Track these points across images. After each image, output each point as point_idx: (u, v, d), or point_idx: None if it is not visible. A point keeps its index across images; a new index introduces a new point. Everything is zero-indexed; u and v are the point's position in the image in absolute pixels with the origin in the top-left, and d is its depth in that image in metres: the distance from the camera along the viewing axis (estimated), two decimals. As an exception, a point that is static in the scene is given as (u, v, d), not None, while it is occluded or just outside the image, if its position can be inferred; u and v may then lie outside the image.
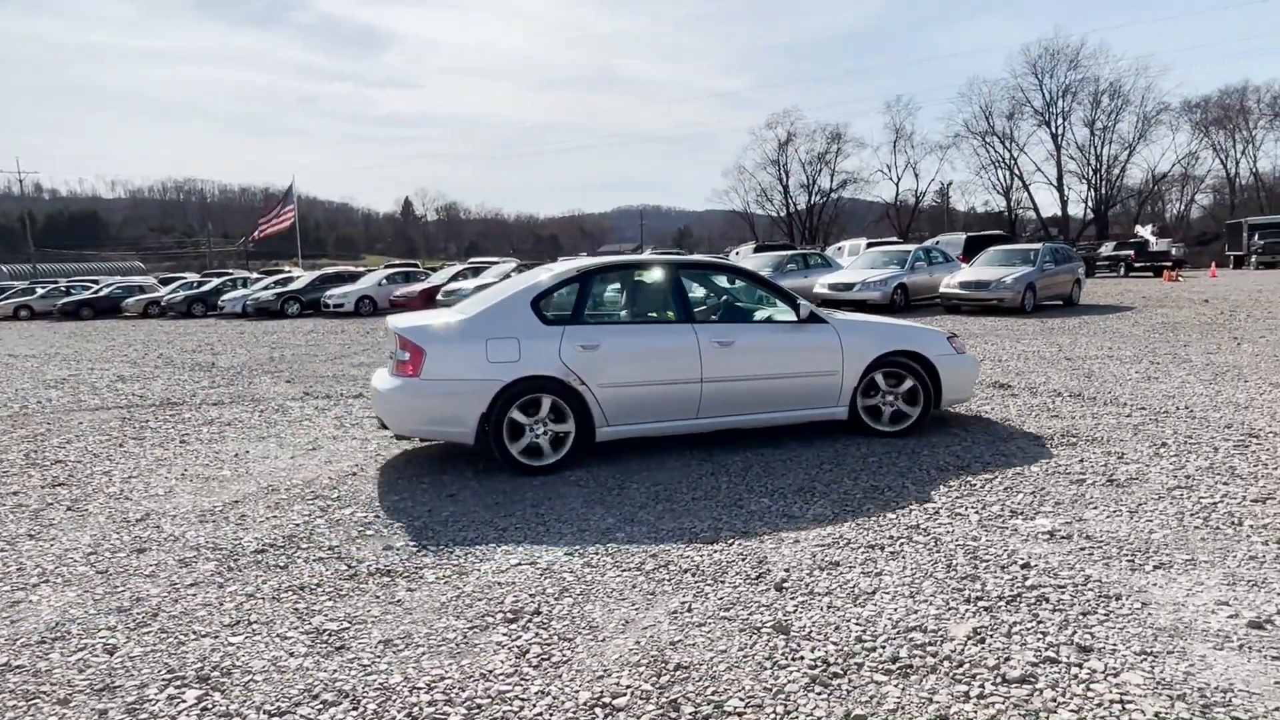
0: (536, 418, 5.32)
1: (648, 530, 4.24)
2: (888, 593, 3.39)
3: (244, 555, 4.06)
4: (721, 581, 3.55)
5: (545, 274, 5.80)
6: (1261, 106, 62.43)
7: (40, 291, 35.34)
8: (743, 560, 3.78)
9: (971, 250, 22.90)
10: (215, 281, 31.99)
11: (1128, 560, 3.65)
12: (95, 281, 38.50)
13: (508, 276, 23.25)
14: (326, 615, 3.33)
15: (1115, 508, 4.36)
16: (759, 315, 6.26)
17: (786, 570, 3.65)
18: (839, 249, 30.50)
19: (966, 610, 3.20)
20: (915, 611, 3.20)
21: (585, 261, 6.07)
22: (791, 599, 3.35)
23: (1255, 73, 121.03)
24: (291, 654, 3.01)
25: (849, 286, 17.75)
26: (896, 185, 67.02)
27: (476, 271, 25.67)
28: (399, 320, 5.69)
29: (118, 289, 33.17)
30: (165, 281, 36.98)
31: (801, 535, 4.09)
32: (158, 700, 2.71)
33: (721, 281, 6.83)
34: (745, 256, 27.23)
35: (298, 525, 4.49)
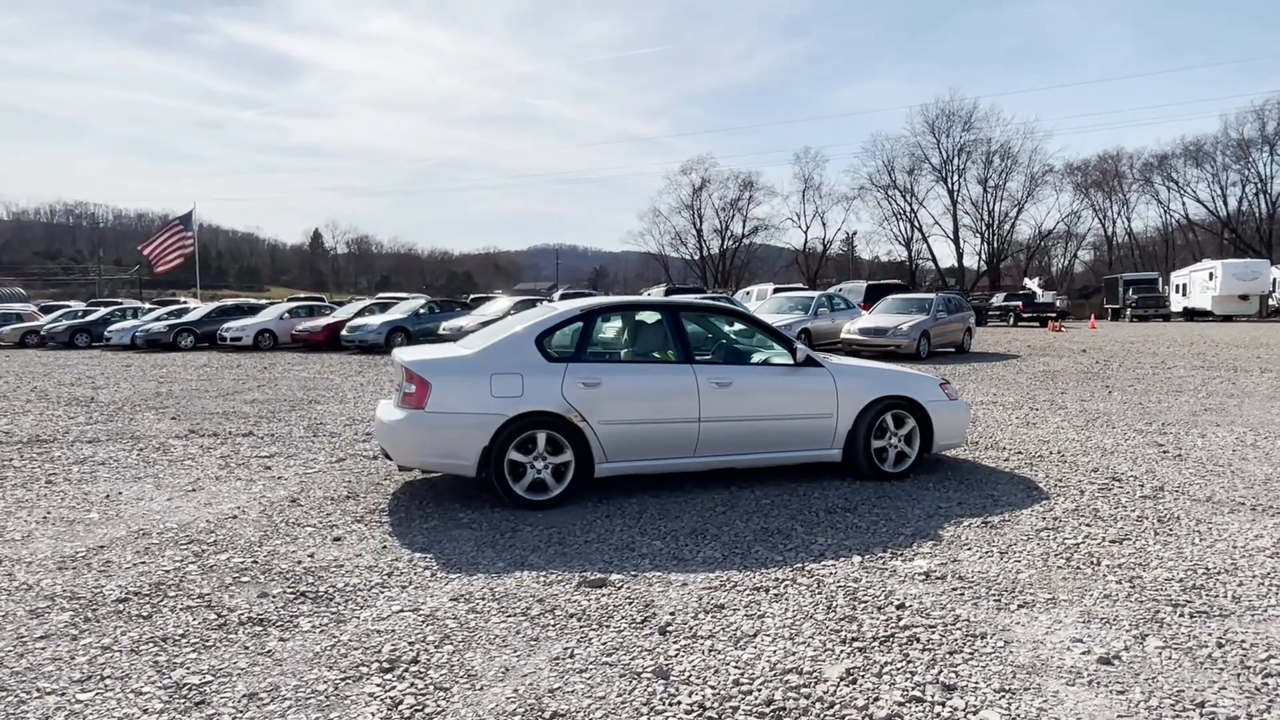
0: (537, 453, 5.37)
1: (537, 574, 4.19)
2: (769, 635, 3.45)
3: (104, 605, 3.82)
4: (607, 626, 3.54)
5: (549, 312, 5.93)
6: (1134, 171, 67.67)
7: (-98, 317, 32.71)
8: (630, 604, 3.79)
9: (872, 298, 23.86)
10: (102, 311, 30.32)
11: (995, 600, 3.82)
12: (-33, 308, 35.90)
13: (415, 309, 22.84)
14: (189, 668, 3.16)
15: (988, 549, 4.57)
16: (756, 358, 6.35)
17: (672, 613, 3.67)
18: (748, 293, 31.25)
19: (842, 651, 3.28)
20: (793, 653, 3.27)
21: (590, 301, 6.19)
22: (674, 642, 3.37)
23: (1128, 140, 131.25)
24: (145, 711, 2.84)
25: (755, 330, 18.17)
26: (805, 233, 69.45)
27: (384, 307, 25.15)
28: (406, 353, 5.78)
29: (-8, 316, 31.02)
30: (47, 310, 34.86)
31: (690, 578, 4.12)
32: (-12, 765, 2.51)
33: (720, 324, 6.88)
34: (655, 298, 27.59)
35: (167, 572, 4.26)
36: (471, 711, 2.83)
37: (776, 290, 27.66)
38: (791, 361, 6.10)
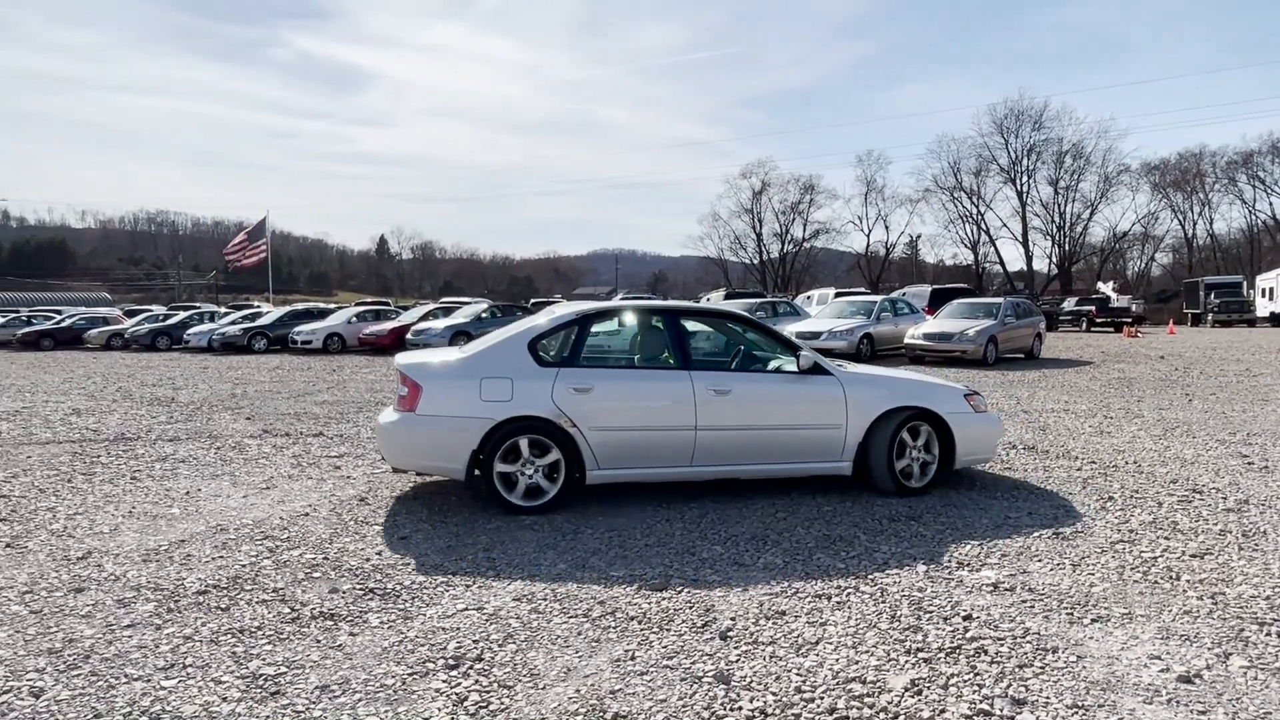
0: (525, 458, 5.36)
1: (598, 576, 4.23)
2: (831, 643, 3.41)
3: (185, 596, 3.98)
4: (667, 629, 3.55)
5: (545, 316, 5.90)
6: (1217, 170, 64.84)
7: (0, 320, 34.65)
8: (690, 608, 3.79)
9: (937, 302, 23.37)
10: (182, 314, 31.61)
11: (1067, 613, 3.71)
12: (58, 311, 37.86)
13: (477, 313, 23.24)
14: (265, 659, 3.28)
15: (1059, 560, 4.43)
16: (761, 365, 6.11)
17: (733, 619, 3.66)
18: (808, 298, 30.96)
19: (906, 661, 3.23)
20: (856, 662, 3.23)
21: (587, 305, 6.10)
22: (735, 648, 3.36)
23: (1211, 138, 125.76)
24: (225, 699, 2.95)
25: (816, 335, 17.98)
26: (867, 236, 68.40)
27: (447, 311, 25.65)
28: (402, 357, 5.86)
29: (80, 320, 32.62)
30: (131, 314, 36.47)
31: (751, 583, 4.10)
32: (81, 746, 2.64)
33: (725, 329, 6.68)
34: (715, 302, 27.48)
35: (244, 566, 4.42)
36: (535, 709, 2.87)
37: (838, 294, 27.32)
38: (795, 369, 5.83)
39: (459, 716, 2.83)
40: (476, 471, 5.36)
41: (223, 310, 34.31)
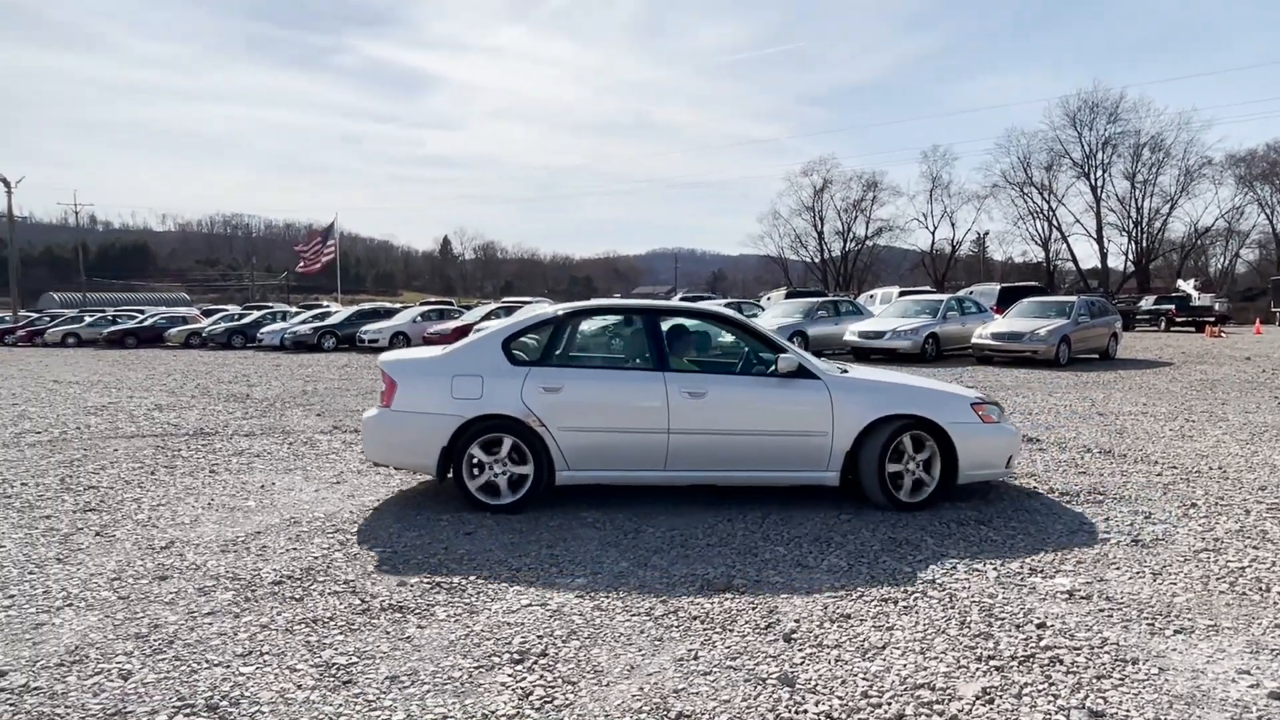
0: (498, 456, 5.41)
1: (660, 575, 4.23)
2: (898, 648, 3.35)
3: (261, 586, 4.12)
4: (730, 630, 3.54)
5: (523, 315, 5.95)
6: (1308, 162, 61.48)
7: (88, 320, 36.40)
8: (753, 609, 3.76)
9: (1006, 301, 22.71)
10: (255, 314, 32.73)
11: (1147, 623, 3.57)
12: (141, 311, 39.59)
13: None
14: (337, 649, 3.37)
15: (1138, 569, 4.27)
16: (743, 366, 5.79)
17: (796, 621, 3.62)
18: (871, 296, 30.45)
19: (977, 669, 3.15)
20: (925, 669, 3.16)
21: (567, 305, 6.07)
22: (799, 650, 3.33)
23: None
24: (299, 686, 3.04)
25: (879, 335, 17.68)
26: (932, 234, 66.90)
27: (509, 311, 25.96)
28: (386, 355, 5.99)
29: (161, 319, 34.07)
30: (208, 313, 37.90)
31: (814, 585, 4.06)
32: (166, 727, 2.76)
33: (707, 329, 6.30)
34: (777, 301, 27.25)
35: (316, 558, 4.55)
36: (599, 706, 2.89)
37: (903, 293, 26.80)
38: (778, 371, 5.49)
39: (525, 710, 2.86)
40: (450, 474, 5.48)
41: (294, 310, 35.39)
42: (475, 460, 5.40)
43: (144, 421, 10.07)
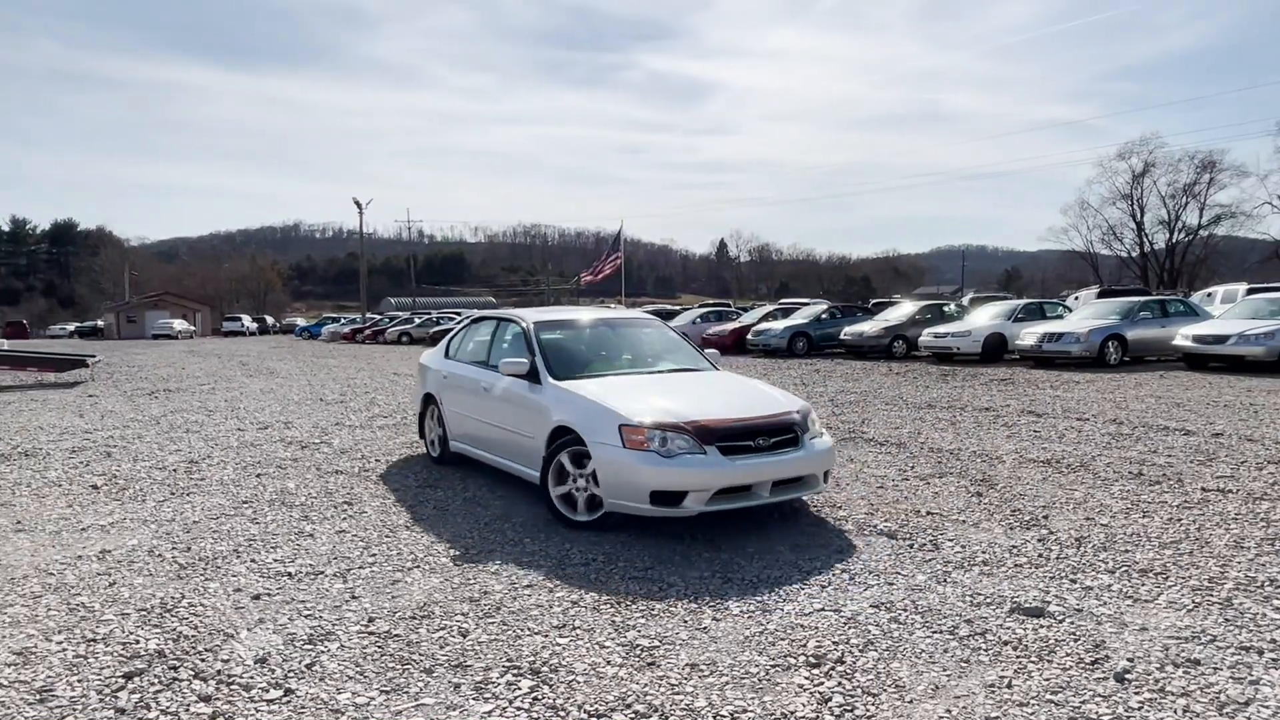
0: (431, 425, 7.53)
1: (963, 593, 3.97)
2: (1267, 706, 2.84)
3: (570, 565, 4.47)
4: (1048, 661, 3.22)
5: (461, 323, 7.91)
6: None
7: (417, 321, 42.05)
8: (1074, 640, 3.40)
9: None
10: (552, 316, 35.63)
11: None
12: (458, 313, 44.97)
13: (816, 314, 23.13)
14: (639, 631, 3.56)
15: None
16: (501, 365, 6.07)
17: (1131, 660, 3.21)
18: (1209, 295, 26.23)
19: (1383, 746, 2.58)
20: (1306, 735, 2.65)
21: (480, 314, 7.86)
22: (1136, 694, 2.94)
23: None
24: (609, 662, 3.26)
25: (1221, 339, 15.18)
26: (1289, 220, 56.18)
27: (786, 313, 25.90)
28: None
29: (474, 320, 38.32)
30: (512, 315, 41.91)
31: (1150, 622, 3.57)
32: (499, 684, 3.08)
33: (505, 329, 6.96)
34: (1087, 301, 24.44)
35: (618, 544, 4.84)
36: (903, 723, 2.77)
37: (1250, 290, 22.78)
38: (523, 375, 5.87)
39: (824, 716, 2.82)
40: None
41: (584, 312, 38.08)
42: (426, 424, 7.75)
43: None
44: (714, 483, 4.82)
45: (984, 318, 19.47)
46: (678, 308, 34.99)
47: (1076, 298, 29.30)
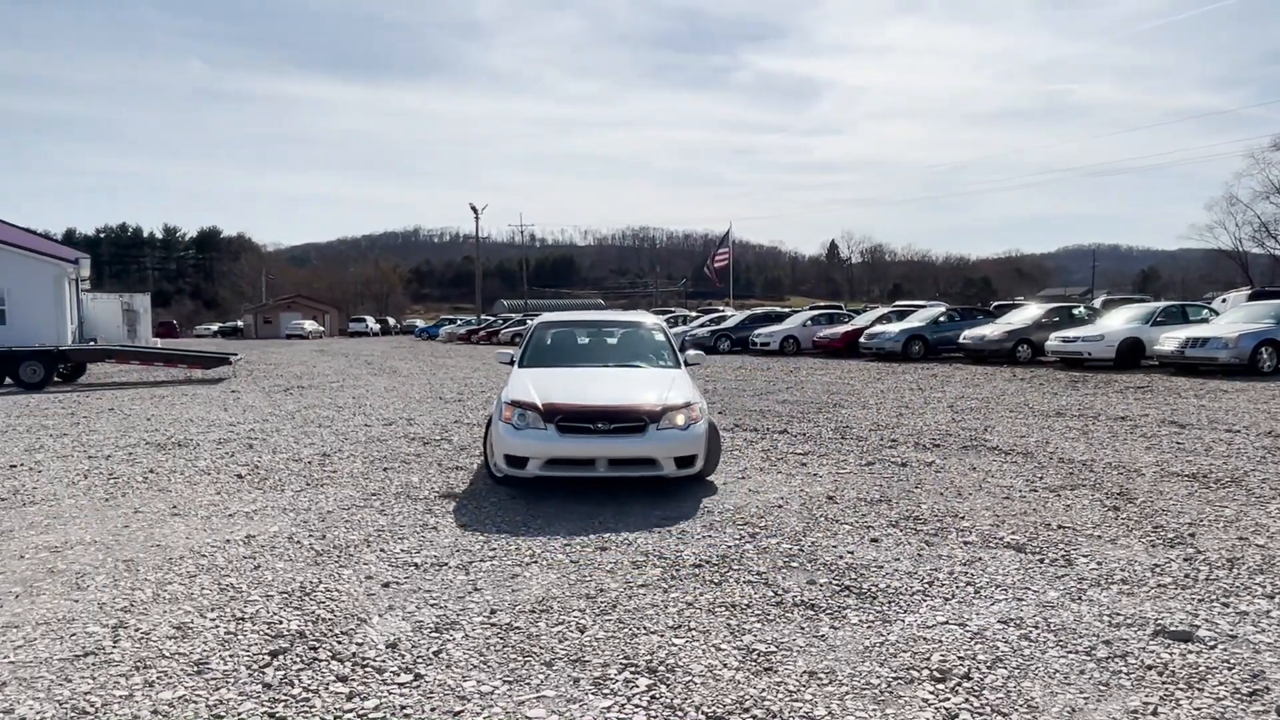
0: None
1: (1099, 613, 3.75)
2: None
3: (684, 567, 4.49)
4: (1199, 689, 3.00)
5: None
6: None
7: (529, 322, 43.12)
8: (1228, 668, 3.15)
9: None
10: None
11: None
12: (569, 315, 45.80)
13: (934, 317, 22.34)
14: (755, 635, 3.54)
15: None
16: None
17: (1294, 693, 2.95)
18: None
19: None
20: None
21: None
22: (1302, 730, 2.71)
23: None
24: (725, 665, 3.25)
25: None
26: None
27: (902, 315, 25.10)
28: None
29: (585, 322, 38.92)
30: (621, 317, 42.34)
31: (1317, 654, 3.27)
32: (616, 680, 3.12)
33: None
34: (1236, 303, 22.62)
35: (729, 547, 4.83)
36: (1036, 746, 2.64)
37: None
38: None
39: (951, 733, 2.72)
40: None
41: (693, 314, 38.10)
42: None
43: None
44: (546, 453, 5.86)
45: (1118, 321, 18.33)
46: (786, 310, 34.48)
47: (1224, 300, 27.14)
